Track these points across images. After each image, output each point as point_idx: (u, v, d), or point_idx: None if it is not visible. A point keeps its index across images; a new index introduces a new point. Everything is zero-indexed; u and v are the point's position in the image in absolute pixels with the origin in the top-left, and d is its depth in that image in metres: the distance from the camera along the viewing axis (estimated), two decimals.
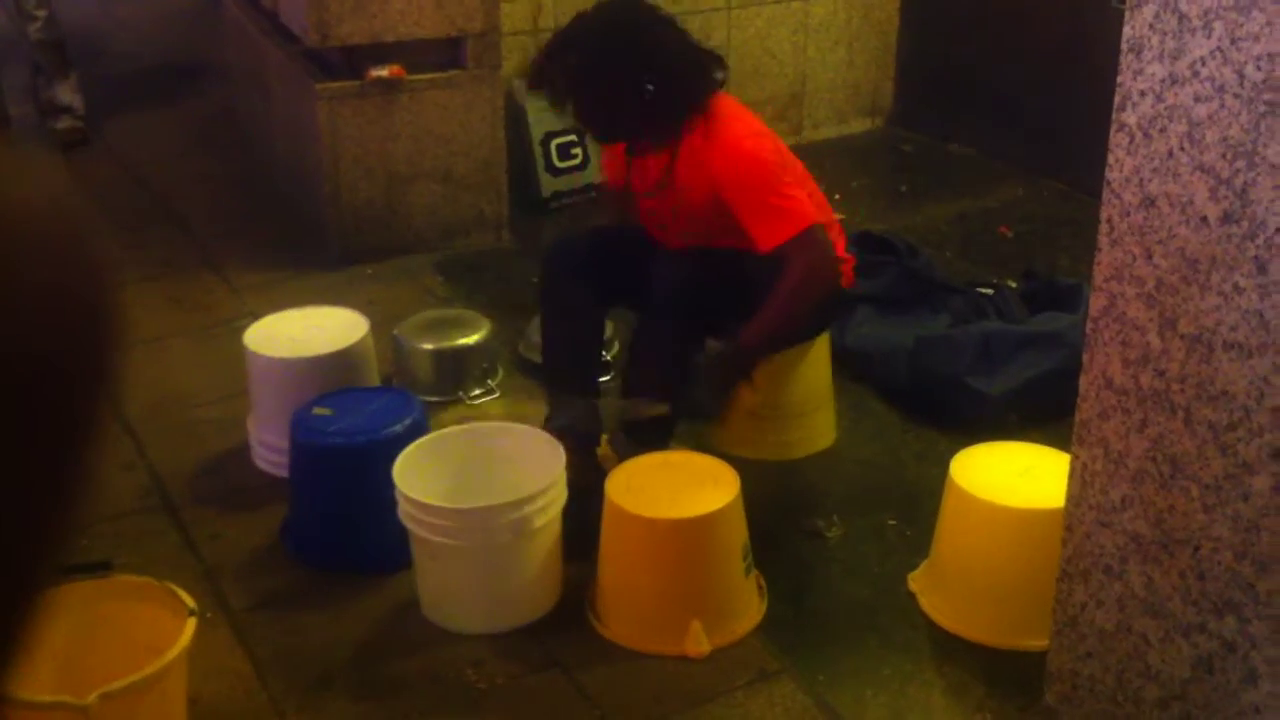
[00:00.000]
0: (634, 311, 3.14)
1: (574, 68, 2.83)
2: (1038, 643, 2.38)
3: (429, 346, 3.46)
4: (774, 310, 2.78)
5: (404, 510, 2.59)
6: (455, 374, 3.45)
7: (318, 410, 2.84)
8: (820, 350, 3.20)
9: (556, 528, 2.65)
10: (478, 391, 3.47)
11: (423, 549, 2.62)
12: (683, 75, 2.87)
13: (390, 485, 2.61)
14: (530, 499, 2.55)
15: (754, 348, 2.85)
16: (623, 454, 2.86)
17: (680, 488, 2.62)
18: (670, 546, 2.57)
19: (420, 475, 2.65)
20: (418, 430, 2.81)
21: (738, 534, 2.60)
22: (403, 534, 2.66)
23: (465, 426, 2.89)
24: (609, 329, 3.37)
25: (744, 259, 2.81)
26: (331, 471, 2.80)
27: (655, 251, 2.99)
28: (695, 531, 2.56)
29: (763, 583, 2.71)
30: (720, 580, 2.60)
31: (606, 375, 3.45)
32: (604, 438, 3.00)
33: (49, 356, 0.54)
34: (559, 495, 2.62)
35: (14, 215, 0.54)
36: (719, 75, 2.93)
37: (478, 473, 2.75)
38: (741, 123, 2.87)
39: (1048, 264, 4.10)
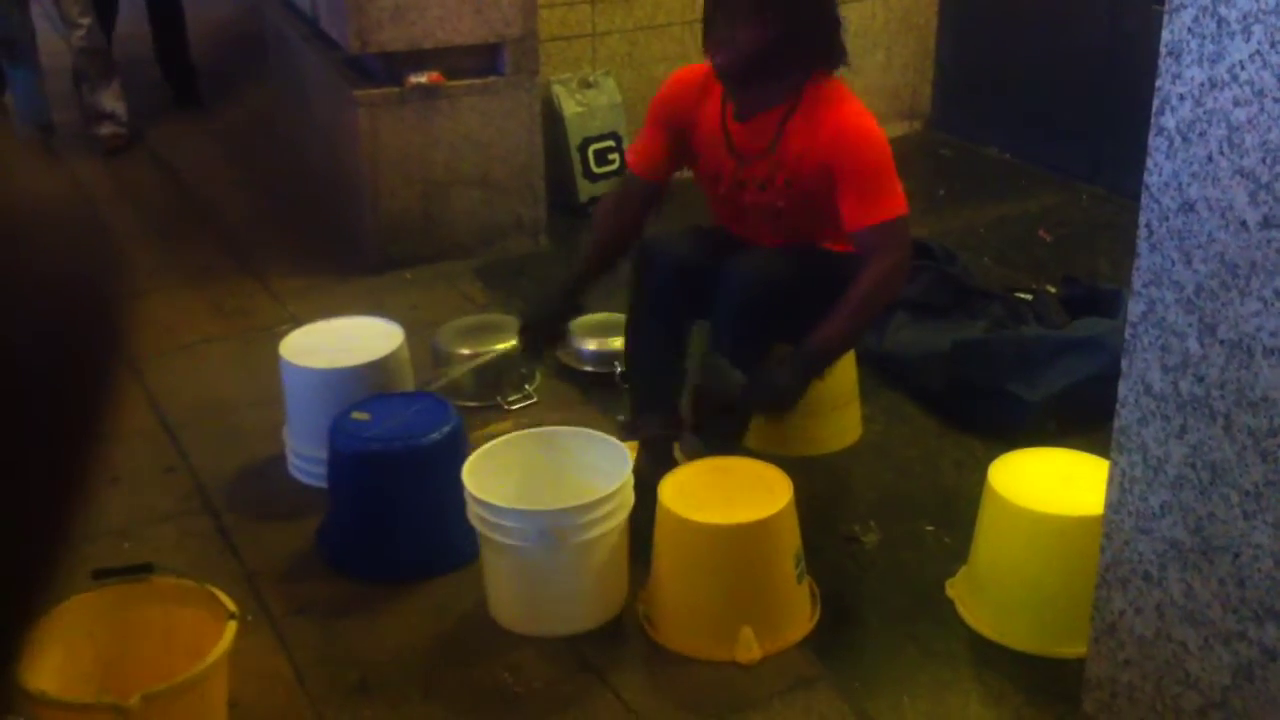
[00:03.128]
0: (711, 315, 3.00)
1: None
2: (1077, 650, 2.37)
3: (467, 352, 3.47)
4: (853, 306, 2.71)
5: (473, 512, 2.60)
6: (493, 380, 3.46)
7: (355, 415, 2.86)
8: None
9: (624, 533, 2.65)
10: (515, 397, 3.48)
11: (491, 551, 2.63)
12: (833, 28, 2.86)
13: (437, 489, 2.62)
14: (598, 503, 2.56)
15: (832, 348, 2.79)
16: (691, 457, 2.86)
17: (733, 493, 2.61)
18: (723, 552, 2.57)
19: (489, 477, 2.66)
20: (455, 437, 2.82)
21: (790, 540, 2.60)
22: (440, 540, 2.68)
23: (534, 430, 2.87)
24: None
25: (819, 261, 2.79)
26: (369, 477, 2.81)
27: (741, 250, 2.92)
28: (748, 537, 2.55)
29: (816, 590, 2.70)
30: (772, 587, 2.59)
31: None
32: (675, 444, 2.99)
33: (56, 347, 0.55)
34: (626, 500, 2.62)
35: (23, 208, 0.55)
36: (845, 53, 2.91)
37: (545, 477, 2.76)
38: (858, 102, 2.84)
39: (1087, 269, 4.07)
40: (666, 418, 2.97)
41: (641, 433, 2.99)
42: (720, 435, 2.88)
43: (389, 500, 2.80)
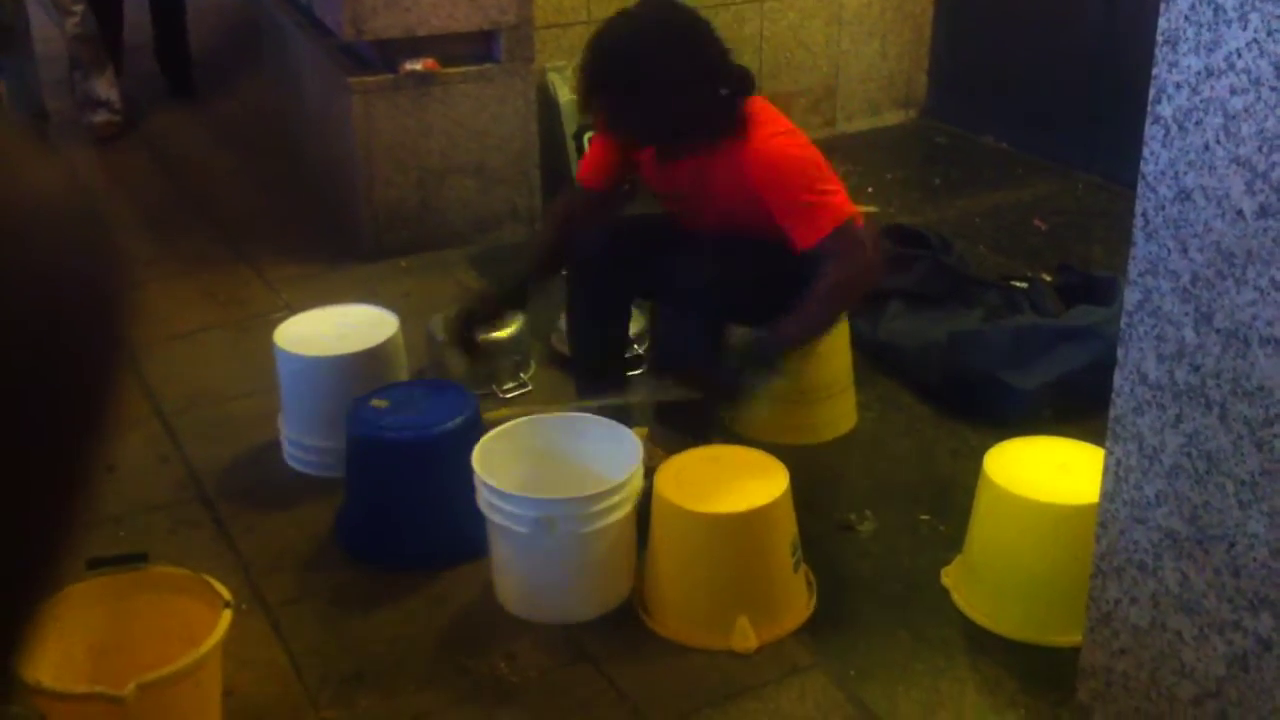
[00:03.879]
0: (659, 300, 3.13)
1: (628, 69, 2.76)
2: (1072, 639, 2.37)
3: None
4: (814, 308, 2.76)
5: (484, 499, 2.59)
6: (488, 367, 3.45)
7: (375, 402, 2.85)
8: (840, 333, 3.19)
9: (630, 524, 2.64)
10: (510, 385, 3.47)
11: (501, 539, 2.63)
12: (737, 78, 2.86)
13: (448, 479, 2.61)
14: (602, 495, 2.56)
15: (790, 343, 2.84)
16: (664, 446, 2.86)
17: (729, 481, 2.61)
18: (720, 541, 2.57)
19: (501, 461, 2.65)
20: (472, 425, 2.81)
21: (787, 528, 2.60)
22: (454, 529, 2.67)
23: (541, 417, 2.86)
24: (637, 322, 3.37)
25: (776, 250, 2.80)
26: (386, 465, 2.80)
27: (681, 238, 2.96)
28: (745, 526, 2.55)
29: (812, 578, 2.70)
30: (769, 575, 2.59)
31: (636, 369, 3.46)
32: (645, 431, 2.99)
33: (60, 338, 0.54)
34: (633, 492, 2.62)
35: (26, 198, 0.54)
36: (751, 82, 2.92)
37: (557, 463, 2.76)
38: (770, 124, 2.85)
39: (1082, 257, 4.07)
40: (618, 394, 3.00)
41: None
42: (696, 421, 2.91)
43: (406, 488, 2.79)
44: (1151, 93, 1.90)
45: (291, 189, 4.93)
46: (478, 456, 2.62)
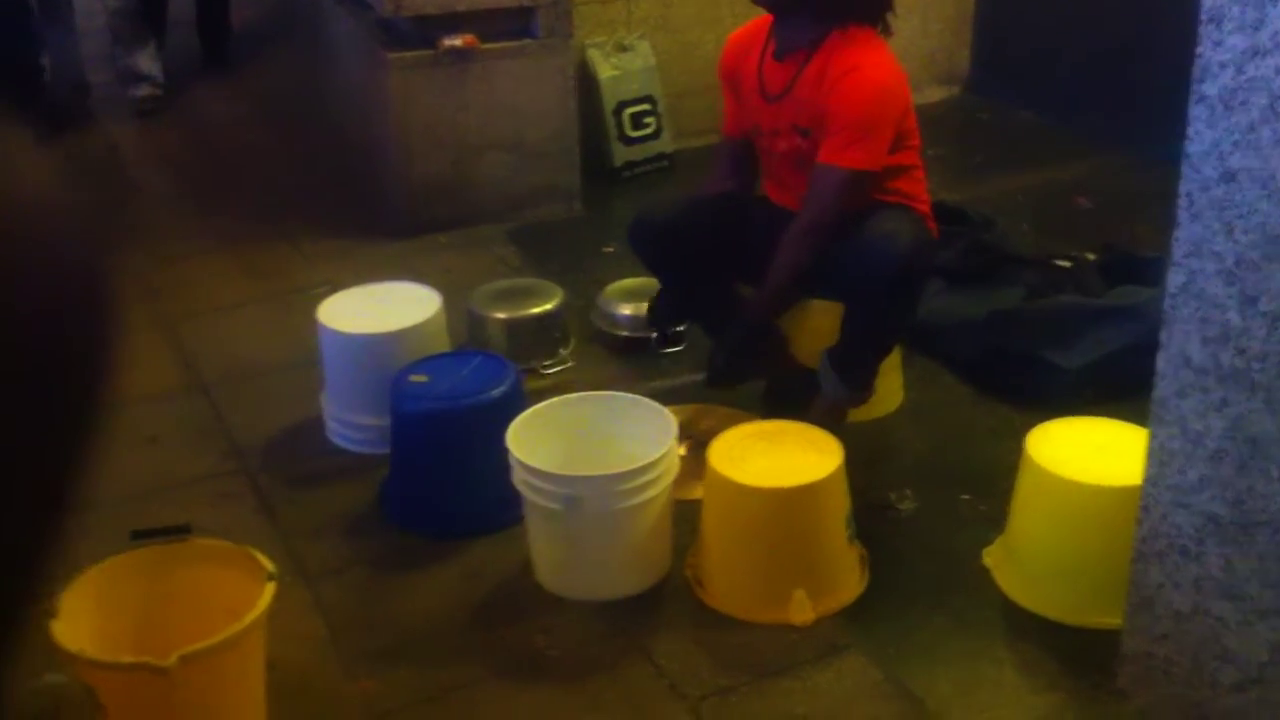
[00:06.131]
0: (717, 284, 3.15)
1: None
2: (1113, 621, 2.35)
3: (502, 316, 3.48)
4: (776, 268, 2.87)
5: (517, 476, 2.61)
6: (528, 344, 3.46)
7: (414, 378, 2.87)
8: None
9: (666, 502, 2.66)
10: (549, 361, 3.48)
11: (537, 517, 2.64)
12: None
13: (490, 449, 2.63)
14: (634, 473, 2.56)
15: (764, 309, 2.98)
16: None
17: (783, 456, 2.61)
18: (776, 516, 2.58)
19: (533, 442, 2.66)
20: (515, 393, 2.84)
21: (841, 502, 2.60)
22: (497, 496, 2.70)
23: (577, 395, 2.88)
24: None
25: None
26: (437, 436, 2.83)
27: (744, 223, 3.01)
28: (801, 500, 2.56)
29: (864, 552, 2.70)
30: (824, 549, 2.60)
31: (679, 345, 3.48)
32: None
33: (49, 334, 0.54)
34: (669, 470, 2.63)
35: (14, 195, 0.54)
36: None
37: (594, 441, 2.77)
38: (885, 55, 2.83)
39: (1127, 236, 4.03)
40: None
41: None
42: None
43: (457, 457, 2.82)
44: (1195, 71, 1.88)
45: (330, 163, 4.95)
46: (513, 433, 2.64)
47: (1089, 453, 2.55)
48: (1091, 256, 3.75)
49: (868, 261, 2.75)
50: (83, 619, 2.13)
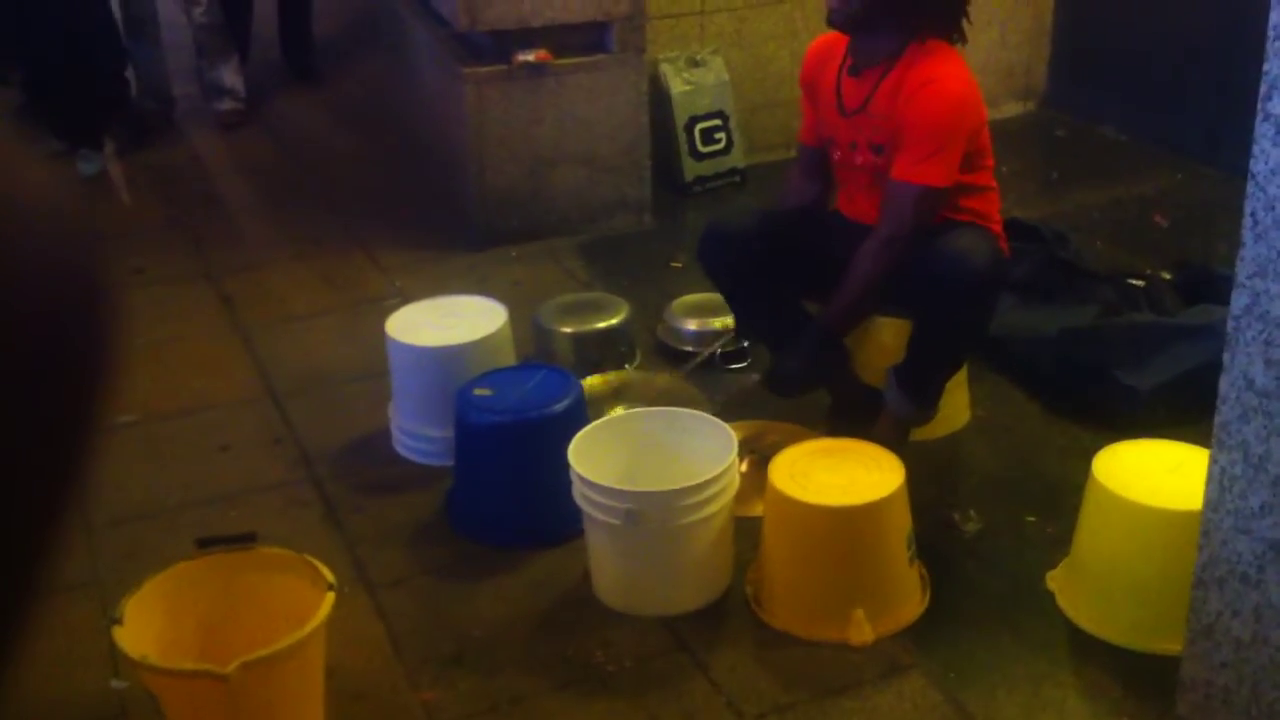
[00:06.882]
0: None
1: None
2: (1177, 647, 2.31)
3: (568, 330, 3.49)
4: (850, 283, 2.86)
5: (577, 490, 2.62)
6: (594, 357, 3.48)
7: (478, 391, 2.90)
8: None
9: (727, 518, 2.65)
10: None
11: (596, 531, 2.65)
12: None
13: (554, 462, 2.65)
14: (695, 489, 2.55)
15: (836, 326, 2.97)
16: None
17: (845, 474, 2.60)
18: (836, 534, 2.56)
19: (594, 456, 2.67)
20: (578, 406, 2.87)
21: (903, 522, 2.58)
22: (559, 508, 2.71)
23: (639, 410, 2.91)
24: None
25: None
26: (504, 449, 2.85)
27: (816, 236, 3.01)
28: (862, 519, 2.54)
29: (925, 573, 2.68)
30: (885, 569, 2.58)
31: (743, 361, 3.47)
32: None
33: (48, 339, 0.55)
34: (729, 486, 2.63)
35: (12, 201, 0.55)
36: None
37: (657, 456, 2.77)
38: (961, 68, 2.82)
39: (1204, 254, 3.95)
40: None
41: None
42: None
43: (520, 470, 2.84)
44: (1262, 89, 1.85)
45: (408, 174, 5.00)
46: (575, 447, 2.65)
47: (1157, 475, 2.50)
48: (1167, 275, 3.69)
49: (940, 278, 2.73)
50: (147, 626, 2.17)
